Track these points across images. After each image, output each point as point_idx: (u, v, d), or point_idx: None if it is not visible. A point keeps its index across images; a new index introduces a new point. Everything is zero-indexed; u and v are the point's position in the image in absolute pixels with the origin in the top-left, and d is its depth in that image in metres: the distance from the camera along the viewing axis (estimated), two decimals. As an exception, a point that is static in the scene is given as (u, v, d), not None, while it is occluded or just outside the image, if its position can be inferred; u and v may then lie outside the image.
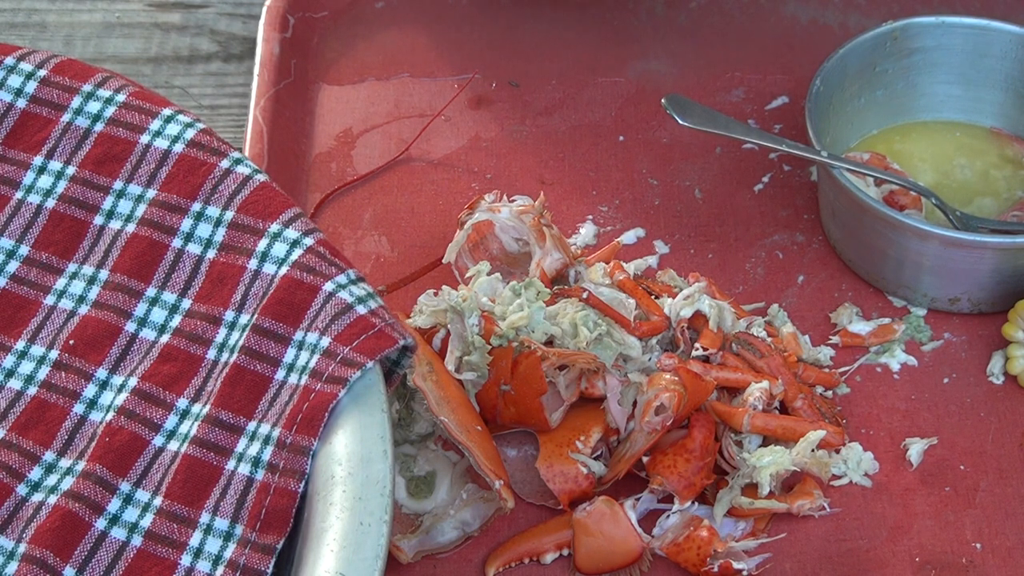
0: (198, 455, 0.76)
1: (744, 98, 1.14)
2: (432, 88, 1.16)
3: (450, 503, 0.90)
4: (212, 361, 0.79)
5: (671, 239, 1.05)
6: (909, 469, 0.93)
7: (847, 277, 1.03)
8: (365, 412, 0.75)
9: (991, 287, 0.98)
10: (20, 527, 0.76)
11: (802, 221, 1.06)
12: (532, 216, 0.97)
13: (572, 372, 0.90)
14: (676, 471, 0.89)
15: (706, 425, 0.90)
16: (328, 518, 0.72)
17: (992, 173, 1.06)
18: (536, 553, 0.89)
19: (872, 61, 1.06)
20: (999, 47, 1.06)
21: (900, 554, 0.89)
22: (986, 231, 0.99)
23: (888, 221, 0.97)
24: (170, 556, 0.74)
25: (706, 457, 0.89)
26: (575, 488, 0.89)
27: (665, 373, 0.90)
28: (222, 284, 0.81)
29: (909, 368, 0.98)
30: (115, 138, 0.86)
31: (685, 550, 0.87)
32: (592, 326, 0.91)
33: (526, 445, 0.92)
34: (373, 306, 0.78)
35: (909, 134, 1.08)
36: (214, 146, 0.84)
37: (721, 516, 0.89)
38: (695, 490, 0.89)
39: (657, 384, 0.89)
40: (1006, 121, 1.08)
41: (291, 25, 1.17)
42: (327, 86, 1.16)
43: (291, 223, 0.81)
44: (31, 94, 0.88)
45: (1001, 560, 0.89)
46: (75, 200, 0.85)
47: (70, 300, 0.82)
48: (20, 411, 0.80)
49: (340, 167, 1.11)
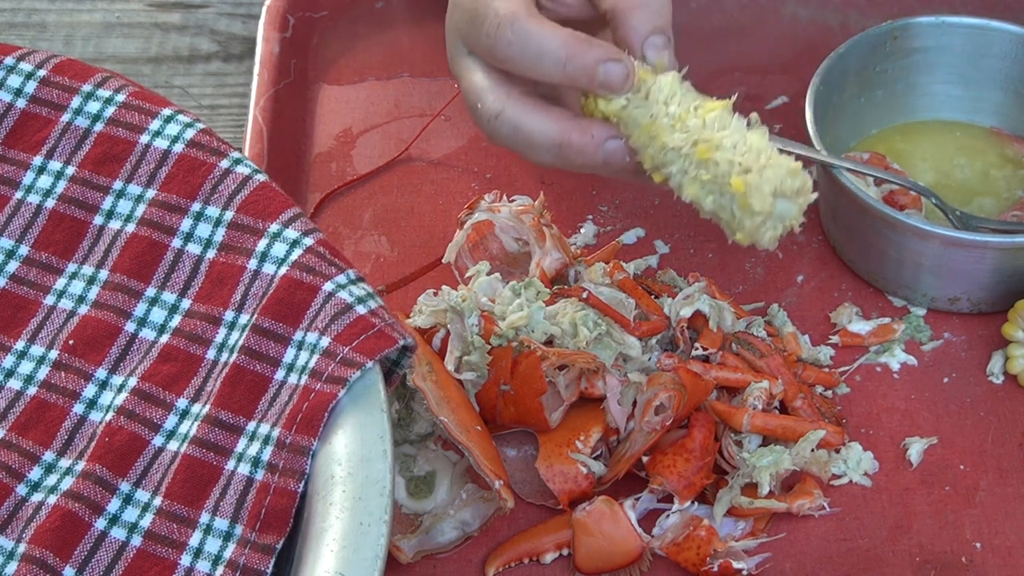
0: (198, 455, 0.76)
1: (744, 98, 1.14)
2: (432, 88, 1.16)
3: (450, 503, 0.90)
4: (212, 361, 0.79)
5: (671, 239, 1.05)
6: (909, 469, 0.93)
7: (847, 277, 1.03)
8: (365, 412, 0.75)
9: (991, 287, 0.98)
10: (20, 527, 0.76)
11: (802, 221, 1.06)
12: (532, 216, 0.97)
13: (572, 372, 0.90)
14: (676, 471, 0.89)
15: (706, 425, 0.90)
16: (328, 518, 0.72)
17: (992, 173, 1.06)
18: (536, 553, 0.89)
19: (872, 61, 1.06)
20: (999, 47, 1.06)
21: (900, 553, 0.89)
22: (986, 231, 0.99)
23: (888, 221, 0.97)
24: (170, 556, 0.74)
25: (706, 457, 0.89)
26: (575, 488, 0.89)
27: (665, 373, 0.90)
28: (222, 284, 0.81)
29: (909, 368, 0.98)
30: (115, 138, 0.86)
31: (685, 550, 0.87)
32: (592, 326, 0.91)
33: (526, 445, 0.92)
34: (373, 306, 0.78)
35: (909, 134, 1.08)
36: (214, 146, 0.84)
37: (721, 516, 0.89)
38: (695, 490, 0.89)
39: (657, 384, 0.89)
40: (1006, 121, 1.08)
41: (291, 25, 1.17)
42: (327, 86, 1.16)
43: (291, 223, 0.81)
44: (31, 94, 0.88)
45: (1001, 560, 0.89)
46: (75, 200, 0.85)
47: (70, 300, 0.82)
48: (20, 411, 0.80)
49: (340, 167, 1.11)
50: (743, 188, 0.80)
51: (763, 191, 0.80)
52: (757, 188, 0.80)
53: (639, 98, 0.85)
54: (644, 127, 0.84)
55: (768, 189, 0.80)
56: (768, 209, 0.80)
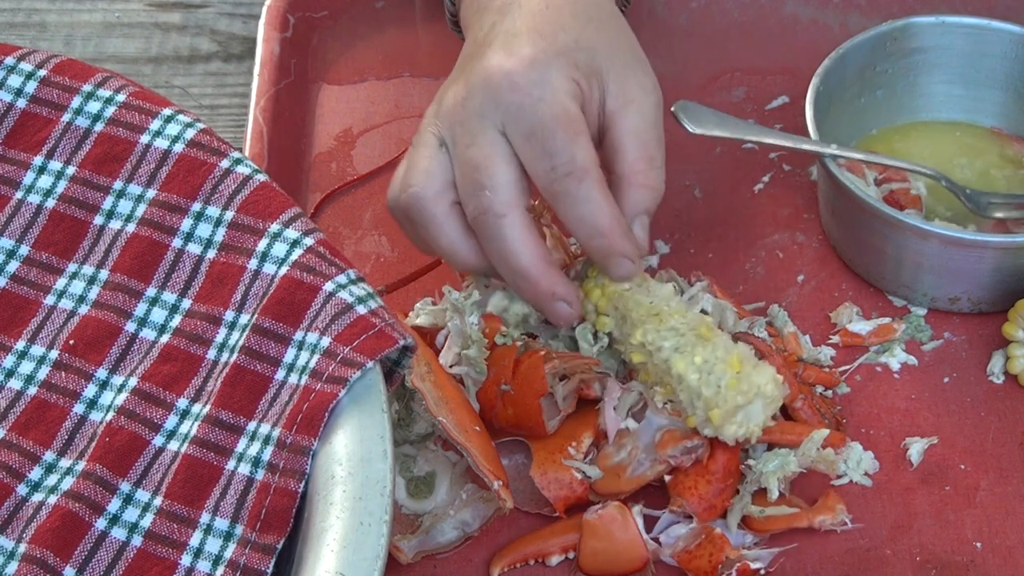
0: (198, 455, 0.76)
1: (744, 98, 1.14)
2: (432, 88, 1.15)
3: (450, 503, 0.90)
4: (212, 361, 0.79)
5: (671, 239, 1.05)
6: (909, 468, 0.93)
7: (847, 277, 1.03)
8: (365, 412, 0.75)
9: (991, 286, 0.98)
10: (20, 527, 0.76)
11: (802, 221, 1.06)
12: (532, 216, 0.97)
13: (571, 383, 0.90)
14: (697, 493, 0.88)
15: (730, 448, 0.89)
16: (328, 518, 0.72)
17: (992, 173, 1.06)
18: (542, 555, 0.89)
19: (872, 61, 1.06)
20: (999, 47, 1.06)
21: (901, 553, 0.89)
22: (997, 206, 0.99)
23: (888, 221, 0.97)
24: (170, 556, 0.74)
25: (728, 479, 0.88)
26: (570, 494, 0.89)
27: None
28: (222, 284, 0.81)
29: (909, 368, 0.98)
30: (115, 138, 0.86)
31: (696, 558, 0.87)
32: (593, 339, 0.91)
33: (517, 454, 0.92)
34: (373, 306, 0.78)
35: (909, 134, 1.08)
36: (214, 146, 0.84)
37: (735, 526, 0.89)
38: (716, 513, 0.88)
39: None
40: (1006, 121, 1.08)
41: (291, 25, 1.17)
42: (327, 86, 1.16)
43: (291, 223, 0.81)
44: (31, 94, 0.88)
45: (1002, 559, 0.89)
46: (75, 200, 0.85)
47: (70, 300, 0.82)
48: (20, 411, 0.80)
49: (340, 167, 1.11)
50: (738, 368, 0.86)
51: (752, 381, 0.86)
52: (747, 377, 0.86)
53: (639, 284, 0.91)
54: (645, 307, 0.89)
55: (757, 381, 0.86)
56: (748, 400, 0.86)
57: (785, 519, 0.89)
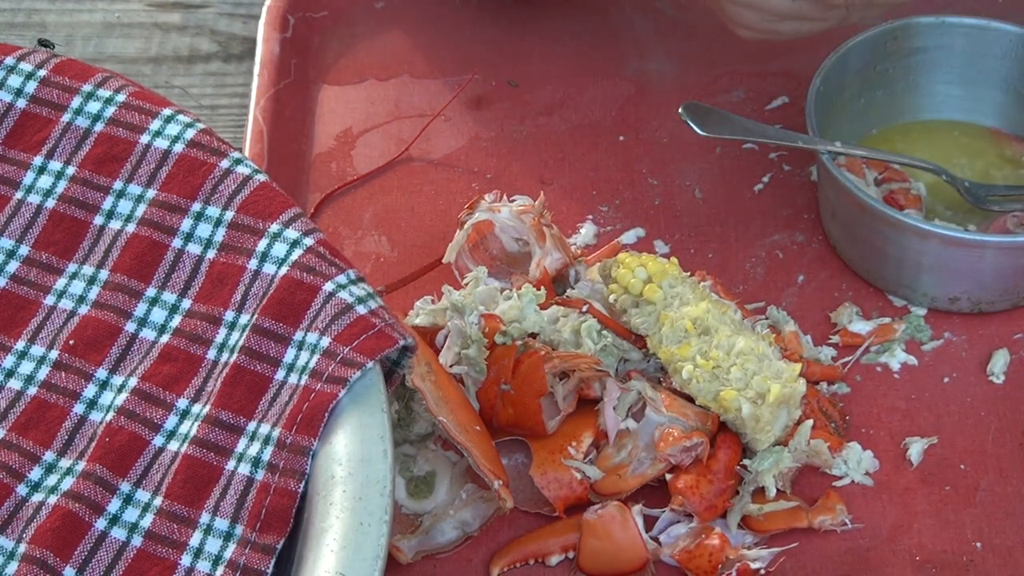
0: (198, 455, 0.76)
1: (744, 98, 1.14)
2: (432, 88, 1.16)
3: (450, 503, 0.90)
4: (212, 361, 0.79)
5: (671, 239, 1.05)
6: (909, 468, 0.93)
7: (847, 277, 1.03)
8: (365, 412, 0.75)
9: (991, 286, 0.98)
10: (20, 527, 0.76)
11: (802, 221, 1.06)
12: (532, 216, 0.97)
13: (571, 382, 0.90)
14: (698, 492, 0.88)
15: (732, 447, 0.89)
16: (328, 518, 0.72)
17: (992, 173, 1.06)
18: (541, 554, 0.89)
19: (872, 61, 1.06)
20: (999, 47, 1.06)
21: (900, 553, 0.89)
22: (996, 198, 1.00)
23: (888, 220, 0.97)
24: (170, 556, 0.74)
25: (729, 479, 0.88)
26: (570, 494, 0.89)
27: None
28: (222, 284, 0.81)
29: (909, 368, 0.98)
30: (115, 138, 0.86)
31: (696, 557, 0.87)
32: (597, 337, 0.91)
33: (517, 454, 0.92)
34: (373, 306, 0.78)
35: (909, 134, 1.08)
36: (214, 146, 0.84)
37: (735, 526, 0.89)
38: (716, 512, 0.88)
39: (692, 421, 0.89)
40: (1006, 121, 1.08)
41: (291, 25, 1.17)
42: (327, 86, 1.16)
43: (291, 223, 0.81)
44: (31, 94, 0.88)
45: (1002, 559, 0.89)
46: (75, 200, 0.85)
47: (70, 300, 0.82)
48: (20, 411, 0.80)
49: (340, 167, 1.11)
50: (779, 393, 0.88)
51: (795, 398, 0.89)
52: (790, 396, 0.89)
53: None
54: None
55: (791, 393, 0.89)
56: (776, 414, 0.89)
57: (785, 519, 0.89)
